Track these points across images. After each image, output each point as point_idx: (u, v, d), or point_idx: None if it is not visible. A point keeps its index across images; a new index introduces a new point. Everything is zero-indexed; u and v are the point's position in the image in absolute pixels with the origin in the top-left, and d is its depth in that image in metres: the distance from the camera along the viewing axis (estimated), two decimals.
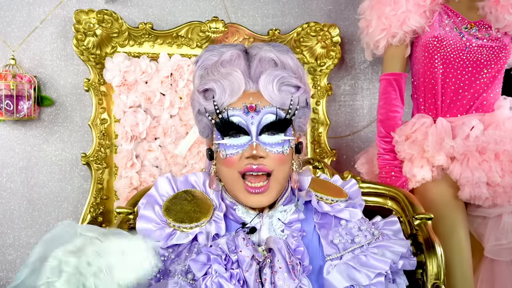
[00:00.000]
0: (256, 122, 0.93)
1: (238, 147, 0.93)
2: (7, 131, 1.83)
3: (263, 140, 0.93)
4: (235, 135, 0.94)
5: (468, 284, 1.50)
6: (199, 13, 1.96)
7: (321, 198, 1.05)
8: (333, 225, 1.02)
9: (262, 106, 0.93)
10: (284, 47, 1.00)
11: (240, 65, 0.95)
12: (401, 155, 1.65)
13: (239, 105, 0.93)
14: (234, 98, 0.94)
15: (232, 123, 0.93)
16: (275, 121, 0.93)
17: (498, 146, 1.54)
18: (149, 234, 0.98)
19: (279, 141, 0.94)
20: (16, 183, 1.84)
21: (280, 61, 0.97)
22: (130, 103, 1.81)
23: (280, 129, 0.94)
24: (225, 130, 0.93)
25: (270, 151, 0.93)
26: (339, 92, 2.15)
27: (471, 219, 1.64)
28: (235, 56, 0.97)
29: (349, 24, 2.10)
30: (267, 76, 0.93)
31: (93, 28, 1.76)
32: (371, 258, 0.96)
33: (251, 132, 0.93)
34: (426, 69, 1.71)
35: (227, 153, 0.93)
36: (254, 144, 0.92)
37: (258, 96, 0.94)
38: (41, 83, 1.84)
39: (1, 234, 1.84)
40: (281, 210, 1.00)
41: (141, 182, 1.84)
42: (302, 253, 0.94)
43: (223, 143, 0.94)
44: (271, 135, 0.94)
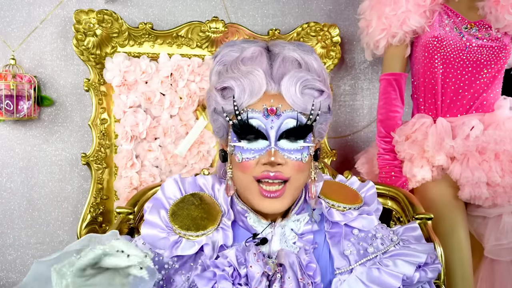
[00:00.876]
0: (276, 126, 0.87)
1: (255, 152, 0.88)
2: (7, 131, 1.83)
3: (282, 146, 0.88)
4: (253, 139, 0.88)
5: (468, 284, 1.50)
6: (199, 13, 1.96)
7: (333, 206, 1.00)
8: (343, 235, 0.97)
9: (283, 110, 0.87)
10: (308, 47, 0.95)
11: (262, 63, 0.89)
12: (401, 155, 1.65)
13: (259, 107, 0.88)
14: (254, 99, 0.88)
15: (251, 126, 0.87)
16: (296, 127, 0.87)
17: (498, 146, 1.54)
18: (154, 242, 0.94)
19: (299, 147, 0.88)
20: (16, 183, 1.84)
21: (304, 62, 0.91)
22: (130, 103, 1.81)
23: (300, 135, 0.88)
24: (243, 132, 0.88)
25: (289, 158, 0.88)
26: (339, 92, 2.15)
27: (471, 219, 1.64)
28: (257, 54, 0.91)
29: (349, 24, 2.10)
30: (290, 78, 0.87)
31: (93, 28, 1.76)
32: (383, 272, 0.91)
33: (269, 137, 0.87)
34: (426, 69, 1.71)
35: (243, 157, 0.88)
36: (272, 150, 0.86)
37: (280, 98, 0.88)
38: (41, 83, 1.84)
39: (1, 234, 1.84)
40: (294, 219, 0.95)
41: (141, 182, 1.83)
42: (314, 270, 0.90)
43: (239, 145, 0.89)
44: (291, 141, 0.88)
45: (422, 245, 0.98)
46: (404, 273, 0.90)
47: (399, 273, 0.90)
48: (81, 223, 1.80)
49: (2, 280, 1.84)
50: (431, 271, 0.94)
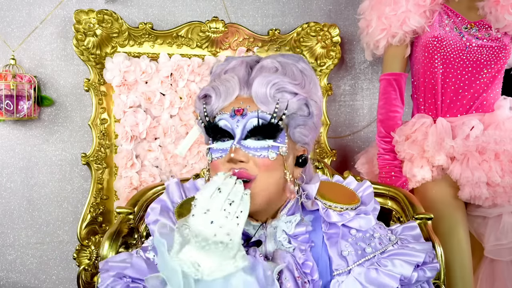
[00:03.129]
0: (241, 125, 0.89)
1: (223, 151, 0.90)
2: (7, 131, 1.83)
3: (247, 145, 0.89)
4: (221, 139, 0.91)
5: (468, 284, 1.50)
6: (199, 13, 1.96)
7: (330, 206, 1.00)
8: (341, 235, 0.97)
9: (250, 111, 0.90)
10: (296, 56, 0.97)
11: (240, 71, 0.93)
12: (401, 155, 1.65)
13: (229, 110, 0.91)
14: (226, 103, 0.92)
15: (217, 126, 0.91)
16: (259, 125, 0.88)
17: (498, 146, 1.54)
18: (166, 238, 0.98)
19: (265, 145, 0.89)
20: (16, 183, 1.84)
21: (282, 67, 0.93)
22: (130, 103, 1.81)
23: (267, 134, 0.89)
24: (213, 134, 0.92)
25: (254, 155, 0.88)
26: (339, 92, 2.15)
27: (471, 219, 1.64)
28: (238, 64, 0.95)
29: (349, 24, 2.10)
30: (260, 80, 0.89)
31: (93, 28, 1.76)
32: (381, 273, 0.91)
33: (235, 135, 0.90)
34: (426, 69, 1.71)
35: (213, 157, 0.92)
36: (233, 147, 0.88)
37: (250, 101, 0.91)
38: (41, 83, 1.84)
39: (1, 234, 1.84)
40: (286, 221, 0.96)
41: (141, 182, 1.84)
42: (311, 268, 0.91)
43: (211, 147, 0.93)
44: (257, 140, 0.89)
45: (420, 244, 0.98)
46: (402, 273, 0.91)
47: (397, 274, 0.90)
48: (81, 223, 1.80)
49: (2, 280, 1.84)
50: (429, 270, 0.94)
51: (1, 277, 1.84)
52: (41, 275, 1.87)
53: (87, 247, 1.82)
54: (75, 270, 1.83)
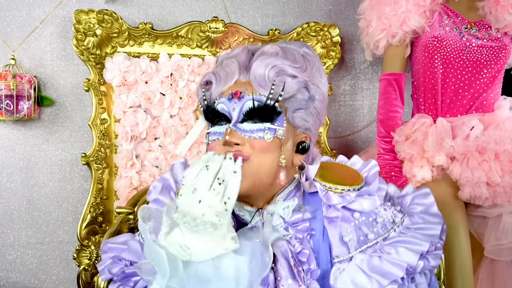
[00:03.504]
0: (238, 108, 0.89)
1: (219, 134, 0.90)
2: (7, 131, 1.83)
3: (243, 127, 0.88)
4: (219, 123, 0.92)
5: (468, 284, 1.50)
6: (199, 13, 1.96)
7: (330, 188, 0.93)
8: (341, 218, 0.91)
9: (248, 94, 0.89)
10: (300, 43, 0.97)
11: (241, 57, 0.93)
12: (401, 155, 1.65)
13: (227, 93, 0.91)
14: (226, 87, 0.92)
15: (214, 110, 0.91)
16: (255, 107, 0.87)
17: (498, 146, 1.54)
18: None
19: (262, 127, 0.88)
20: (16, 183, 1.84)
21: (283, 51, 0.91)
22: (130, 103, 1.81)
23: (264, 117, 0.88)
24: (212, 118, 0.92)
25: (250, 137, 0.87)
26: (339, 92, 2.15)
27: (471, 219, 1.64)
28: (240, 51, 0.95)
29: (349, 24, 2.10)
30: (258, 63, 0.88)
31: (93, 28, 1.76)
32: (385, 261, 0.86)
33: (232, 118, 0.89)
34: (426, 69, 1.71)
35: (210, 139, 0.92)
36: (228, 129, 0.87)
37: (248, 84, 0.91)
38: (41, 83, 1.84)
39: (1, 234, 1.84)
40: (283, 206, 0.92)
41: (141, 182, 1.84)
42: (307, 256, 0.88)
43: (209, 131, 0.93)
44: (254, 123, 0.88)
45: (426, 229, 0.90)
46: (408, 262, 0.85)
47: (402, 262, 0.85)
48: (81, 223, 1.80)
49: (2, 280, 1.84)
50: (433, 259, 0.89)
51: (1, 277, 1.84)
52: (41, 275, 1.87)
53: (87, 247, 1.82)
54: (75, 270, 1.83)
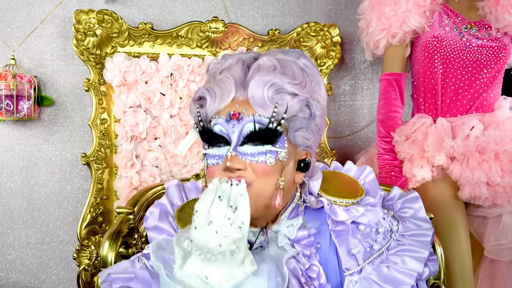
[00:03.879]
0: (237, 131, 0.84)
1: (219, 158, 0.86)
2: (7, 131, 1.83)
3: (244, 151, 0.84)
4: (217, 144, 0.87)
5: (468, 284, 1.50)
6: (199, 13, 1.96)
7: (335, 202, 0.94)
8: (350, 232, 0.92)
9: (246, 115, 0.84)
10: (297, 52, 0.91)
11: (236, 71, 0.87)
12: (401, 155, 1.65)
13: (224, 113, 0.86)
14: (222, 106, 0.86)
15: (212, 132, 0.86)
16: (256, 130, 0.83)
17: (498, 146, 1.54)
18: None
19: (263, 150, 0.84)
20: (16, 183, 1.84)
21: (281, 66, 0.87)
22: (130, 103, 1.81)
23: (264, 139, 0.84)
24: (208, 139, 0.87)
25: (251, 161, 0.84)
26: (339, 92, 2.15)
27: (471, 219, 1.64)
28: (234, 63, 0.89)
29: (349, 24, 2.10)
30: (256, 81, 0.83)
31: (93, 28, 1.76)
32: (393, 270, 0.88)
33: (232, 141, 0.85)
34: (426, 69, 1.71)
35: (209, 163, 0.88)
36: (229, 155, 0.83)
37: (246, 104, 0.85)
38: (41, 83, 1.84)
39: (1, 234, 1.84)
40: (287, 225, 0.91)
41: (141, 182, 1.83)
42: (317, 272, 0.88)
43: (207, 152, 0.89)
44: (255, 146, 0.84)
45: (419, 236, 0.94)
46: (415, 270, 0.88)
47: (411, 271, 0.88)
48: (81, 223, 1.80)
49: (2, 280, 1.84)
50: (432, 266, 0.93)
51: (1, 277, 1.84)
52: (41, 275, 1.87)
53: (87, 247, 1.82)
54: (75, 270, 1.83)
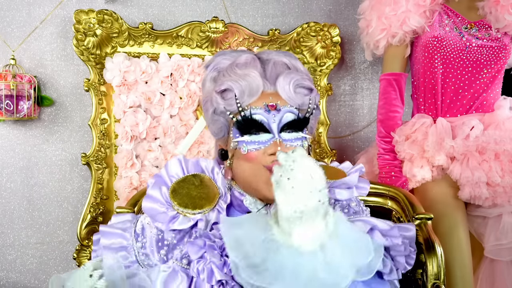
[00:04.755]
0: (277, 120, 0.96)
1: (260, 143, 0.96)
2: (7, 131, 1.83)
3: (284, 137, 0.96)
4: (255, 132, 0.96)
5: (468, 284, 1.50)
6: (199, 13, 1.96)
7: None
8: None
9: (282, 106, 0.97)
10: (292, 54, 1.06)
11: (257, 67, 0.99)
12: (401, 155, 1.65)
13: (260, 104, 0.97)
14: (254, 98, 0.97)
15: (255, 121, 0.96)
16: (296, 119, 0.97)
17: (498, 146, 1.54)
18: (153, 215, 1.00)
19: (299, 136, 0.98)
20: (16, 183, 1.84)
21: (292, 65, 1.02)
22: (130, 103, 1.81)
23: (299, 127, 0.98)
24: (247, 128, 0.96)
25: (291, 146, 0.96)
26: (339, 92, 2.15)
27: (471, 219, 1.64)
28: (250, 59, 1.00)
29: (349, 24, 2.10)
30: (284, 78, 0.98)
31: (93, 28, 1.76)
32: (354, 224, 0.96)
33: (272, 129, 0.96)
34: (426, 69, 1.71)
35: (249, 148, 0.96)
36: (278, 140, 0.95)
37: (276, 96, 0.98)
38: (41, 83, 1.84)
39: (1, 234, 1.84)
40: None
41: (141, 182, 1.84)
42: None
43: (243, 140, 0.96)
44: (290, 133, 0.97)
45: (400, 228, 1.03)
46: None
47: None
48: (81, 223, 1.80)
49: (2, 280, 1.84)
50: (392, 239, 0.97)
51: (1, 277, 1.84)
52: (41, 275, 1.87)
53: (87, 247, 1.82)
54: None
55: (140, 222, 1.05)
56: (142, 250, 1.01)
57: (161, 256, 1.00)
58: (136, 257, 1.02)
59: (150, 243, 1.01)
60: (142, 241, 1.02)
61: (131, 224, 1.06)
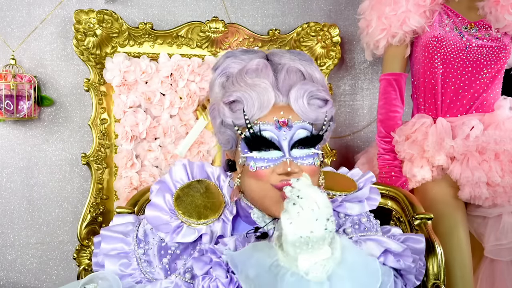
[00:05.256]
0: (288, 137, 0.90)
1: (270, 161, 0.90)
2: (7, 131, 1.83)
3: (295, 155, 0.90)
4: (265, 149, 0.90)
5: (468, 284, 1.50)
6: (199, 13, 1.96)
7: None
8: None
9: (294, 121, 0.91)
10: (307, 57, 0.98)
11: (268, 76, 0.92)
12: (401, 155, 1.65)
13: (270, 120, 0.90)
14: (264, 112, 0.90)
15: (264, 138, 0.89)
16: (309, 136, 0.91)
17: (498, 146, 1.54)
18: (157, 225, 0.97)
19: (310, 153, 0.91)
20: (16, 183, 1.84)
21: (308, 73, 0.94)
22: (130, 103, 1.81)
23: (312, 144, 0.92)
24: (255, 144, 0.90)
25: (302, 164, 0.90)
26: (339, 92, 2.15)
27: (471, 219, 1.64)
28: (262, 66, 0.93)
29: (349, 24, 2.10)
30: (297, 90, 0.91)
31: (93, 28, 1.76)
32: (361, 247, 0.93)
33: (282, 147, 0.90)
34: (426, 69, 1.71)
35: (257, 166, 0.90)
36: (288, 161, 0.88)
37: (289, 110, 0.91)
38: (41, 83, 1.84)
39: (1, 234, 1.84)
40: None
41: (141, 182, 1.83)
42: None
43: (251, 156, 0.91)
44: (302, 149, 0.91)
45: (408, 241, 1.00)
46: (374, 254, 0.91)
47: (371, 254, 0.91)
48: (81, 223, 1.80)
49: (2, 280, 1.84)
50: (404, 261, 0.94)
51: (1, 277, 1.84)
52: (41, 275, 1.88)
53: (87, 247, 1.82)
54: (75, 270, 1.83)
55: (143, 227, 1.01)
56: (144, 257, 0.98)
57: (164, 264, 0.96)
58: (138, 264, 0.97)
59: (153, 251, 0.98)
60: (144, 248, 0.98)
61: (133, 228, 1.02)
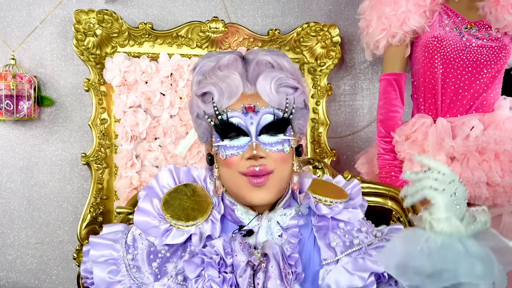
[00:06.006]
0: (255, 122, 0.92)
1: (238, 148, 0.92)
2: (7, 131, 1.83)
3: (263, 140, 0.92)
4: (235, 136, 0.93)
5: None
6: (199, 13, 1.96)
7: (320, 200, 1.03)
8: (331, 228, 1.00)
9: (260, 107, 0.93)
10: (280, 52, 1.01)
11: (238, 67, 0.95)
12: (401, 155, 1.65)
13: (238, 107, 0.93)
14: (233, 100, 0.93)
15: (232, 124, 0.92)
16: (274, 121, 0.93)
17: (498, 146, 1.55)
18: (146, 229, 0.98)
19: (279, 140, 0.93)
20: (16, 183, 1.85)
21: (277, 63, 0.97)
22: (130, 103, 1.81)
23: (279, 129, 0.94)
24: (225, 131, 0.93)
25: (270, 150, 0.92)
26: (339, 92, 2.15)
27: None
28: (232, 60, 0.97)
29: (349, 24, 2.10)
30: (265, 77, 0.93)
31: (93, 28, 1.76)
32: (368, 260, 0.94)
33: (250, 132, 0.92)
34: (426, 69, 1.71)
35: (227, 154, 0.93)
36: (254, 144, 0.91)
37: (256, 97, 0.94)
38: (41, 83, 1.84)
39: (1, 234, 1.84)
40: (281, 213, 0.98)
41: (141, 182, 1.84)
42: (296, 260, 0.93)
43: (222, 144, 0.93)
44: (271, 135, 0.93)
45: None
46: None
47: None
48: (81, 223, 1.80)
49: (2, 280, 1.84)
50: None
51: (1, 277, 1.84)
52: (41, 275, 1.88)
53: None
54: (75, 270, 1.83)
55: (131, 233, 1.01)
56: (133, 263, 0.97)
57: (153, 269, 0.96)
58: (127, 270, 0.97)
59: (142, 255, 0.97)
60: (133, 253, 0.98)
61: (123, 235, 1.02)
